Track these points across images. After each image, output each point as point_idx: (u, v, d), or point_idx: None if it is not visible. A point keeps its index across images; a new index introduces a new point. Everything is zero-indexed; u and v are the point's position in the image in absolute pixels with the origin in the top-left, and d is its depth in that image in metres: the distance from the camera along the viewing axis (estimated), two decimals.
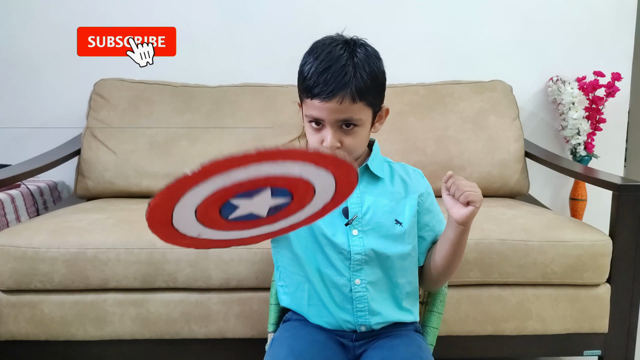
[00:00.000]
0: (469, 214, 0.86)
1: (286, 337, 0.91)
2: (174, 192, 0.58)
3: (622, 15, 2.11)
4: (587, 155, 2.04)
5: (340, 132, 0.85)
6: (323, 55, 0.83)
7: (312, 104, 0.84)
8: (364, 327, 0.91)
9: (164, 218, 0.60)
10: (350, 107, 0.83)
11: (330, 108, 0.82)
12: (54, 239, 1.24)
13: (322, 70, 0.82)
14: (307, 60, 0.86)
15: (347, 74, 0.81)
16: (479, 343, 1.34)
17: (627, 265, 1.32)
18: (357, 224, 0.90)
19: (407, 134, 1.78)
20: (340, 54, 0.83)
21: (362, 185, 0.93)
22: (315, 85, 0.82)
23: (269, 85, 1.90)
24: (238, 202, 0.61)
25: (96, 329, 1.27)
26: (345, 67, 0.82)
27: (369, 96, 0.85)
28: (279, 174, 0.60)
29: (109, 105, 1.80)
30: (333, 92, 0.81)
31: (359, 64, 0.83)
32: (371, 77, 0.84)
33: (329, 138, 0.84)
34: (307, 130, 0.89)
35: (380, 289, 0.91)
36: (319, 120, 0.85)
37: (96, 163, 1.72)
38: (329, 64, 0.82)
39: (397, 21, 2.05)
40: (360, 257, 0.89)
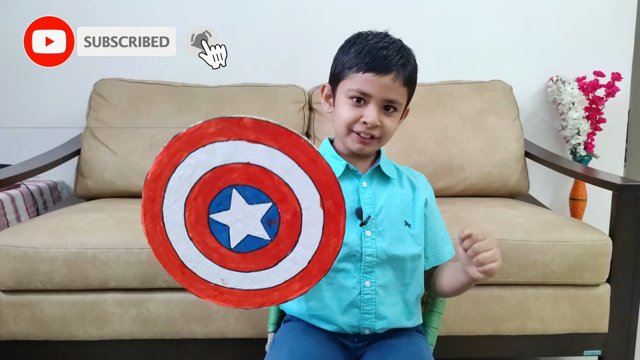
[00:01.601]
0: (483, 279, 0.79)
1: (287, 339, 0.90)
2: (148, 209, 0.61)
3: (622, 15, 2.11)
4: (587, 155, 2.04)
5: (382, 112, 0.87)
6: (376, 40, 0.86)
7: (363, 77, 0.84)
8: (367, 330, 0.90)
9: (171, 254, 0.61)
10: (399, 89, 0.86)
11: (382, 83, 0.84)
12: (54, 239, 1.24)
13: (380, 48, 0.84)
14: (356, 42, 0.87)
15: (402, 58, 0.85)
16: (479, 343, 1.34)
17: (627, 265, 1.32)
18: (370, 225, 0.89)
19: (407, 134, 1.78)
20: (391, 42, 0.87)
21: (373, 185, 0.93)
22: (372, 60, 0.83)
23: (269, 85, 1.90)
24: (221, 218, 0.60)
25: (96, 329, 1.27)
26: (400, 52, 0.86)
27: (413, 86, 0.89)
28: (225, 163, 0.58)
29: (109, 105, 1.80)
30: (390, 69, 0.83)
31: (409, 56, 0.88)
32: (415, 71, 0.89)
33: (373, 114, 0.85)
34: (343, 107, 0.88)
35: (390, 292, 0.90)
36: (364, 96, 0.85)
37: (96, 163, 1.72)
38: (384, 45, 0.85)
39: (396, 21, 2.04)
40: (372, 259, 0.88)
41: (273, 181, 0.60)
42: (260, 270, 0.63)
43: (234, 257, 0.62)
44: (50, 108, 2.01)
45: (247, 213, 0.61)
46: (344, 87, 0.88)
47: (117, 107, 1.79)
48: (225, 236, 0.61)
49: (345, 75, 0.87)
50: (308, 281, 0.64)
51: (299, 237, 0.63)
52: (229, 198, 0.60)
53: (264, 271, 0.63)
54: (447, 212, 1.42)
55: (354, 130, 0.88)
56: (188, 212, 0.60)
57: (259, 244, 0.62)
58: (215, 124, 0.59)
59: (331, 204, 0.63)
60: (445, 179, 1.75)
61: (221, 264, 0.62)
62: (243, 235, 0.61)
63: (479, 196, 1.79)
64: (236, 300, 0.63)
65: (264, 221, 0.61)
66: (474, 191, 1.78)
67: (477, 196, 1.79)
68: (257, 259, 0.62)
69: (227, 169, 0.59)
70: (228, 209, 0.60)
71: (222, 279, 0.62)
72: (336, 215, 0.63)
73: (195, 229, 0.60)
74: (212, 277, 0.62)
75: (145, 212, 0.61)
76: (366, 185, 0.92)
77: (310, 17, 2.02)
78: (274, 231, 0.62)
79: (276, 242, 0.62)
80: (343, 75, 0.88)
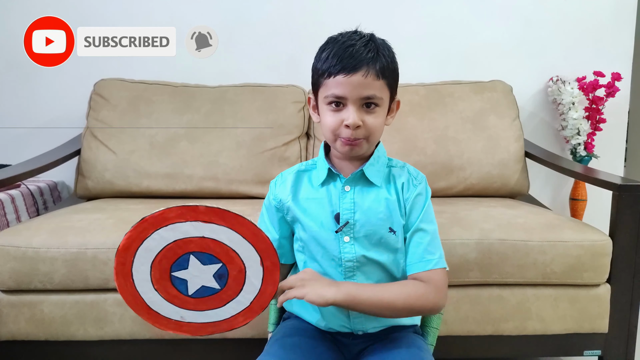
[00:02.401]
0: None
1: (280, 332, 0.92)
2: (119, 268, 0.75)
3: (622, 15, 2.11)
4: (587, 155, 2.04)
5: (362, 111, 0.84)
6: (344, 39, 0.84)
7: (335, 81, 0.83)
8: (360, 331, 0.91)
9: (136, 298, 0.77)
10: (373, 84, 0.83)
11: (354, 83, 0.82)
12: (54, 239, 1.24)
13: (346, 48, 0.82)
14: (325, 47, 0.86)
15: (370, 51, 0.83)
16: (479, 343, 1.34)
17: (627, 265, 1.32)
18: (348, 231, 0.88)
19: (407, 134, 1.78)
20: (360, 38, 0.85)
21: (356, 189, 0.90)
22: (339, 61, 0.82)
23: (269, 85, 1.90)
24: (180, 274, 0.76)
25: (96, 329, 1.27)
26: (368, 46, 0.83)
27: (390, 77, 0.86)
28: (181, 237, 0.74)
29: (109, 105, 1.80)
30: (358, 66, 0.81)
31: (380, 47, 0.85)
32: (391, 60, 0.86)
33: (352, 115, 0.83)
34: (325, 114, 0.87)
35: None
36: (340, 100, 0.84)
37: (96, 163, 1.72)
38: (351, 44, 0.83)
39: (396, 21, 2.05)
40: (351, 264, 0.88)
41: (222, 248, 0.76)
42: (211, 309, 0.78)
43: (191, 301, 0.77)
44: (50, 108, 2.01)
45: (202, 271, 0.76)
46: (322, 95, 0.86)
47: (117, 107, 1.79)
48: (184, 287, 0.76)
49: (320, 82, 0.86)
50: (250, 315, 0.79)
51: (243, 286, 0.78)
52: (188, 261, 0.76)
53: (214, 310, 0.78)
54: (447, 212, 1.42)
55: (340, 136, 0.86)
56: (153, 270, 0.75)
57: (211, 291, 0.77)
58: (175, 210, 0.73)
59: (269, 262, 0.77)
60: (445, 179, 1.75)
61: (180, 306, 0.77)
62: (198, 286, 0.77)
63: (479, 196, 1.79)
64: (193, 330, 0.78)
65: (215, 276, 0.77)
66: (474, 191, 1.78)
67: (477, 196, 1.79)
68: (209, 302, 0.78)
69: (186, 240, 0.75)
70: (187, 268, 0.76)
71: (182, 316, 0.78)
72: (273, 271, 0.78)
73: (159, 282, 0.76)
74: (173, 315, 0.77)
75: (117, 272, 0.74)
76: (349, 189, 0.90)
77: (310, 17, 2.02)
78: (223, 283, 0.77)
79: (225, 290, 0.77)
80: (319, 83, 0.87)
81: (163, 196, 1.73)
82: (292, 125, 1.82)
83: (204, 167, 1.73)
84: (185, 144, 1.75)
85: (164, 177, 1.71)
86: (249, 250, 0.76)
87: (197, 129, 1.77)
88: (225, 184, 1.73)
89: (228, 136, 1.77)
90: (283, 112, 1.82)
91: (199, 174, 1.72)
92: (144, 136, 1.75)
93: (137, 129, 1.76)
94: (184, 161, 1.73)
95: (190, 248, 0.75)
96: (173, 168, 1.72)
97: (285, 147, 1.79)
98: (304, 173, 0.95)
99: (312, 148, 1.84)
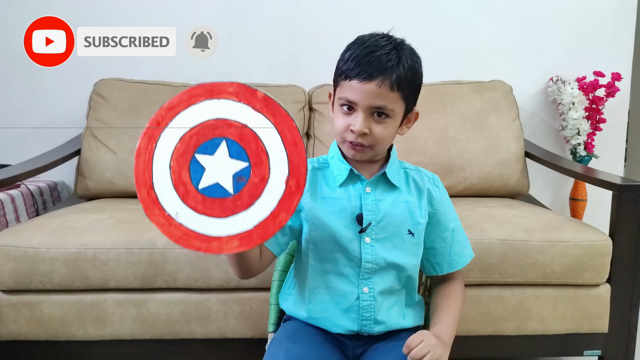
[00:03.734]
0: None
1: (284, 339, 0.90)
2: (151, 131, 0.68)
3: (622, 15, 2.11)
4: (587, 155, 2.04)
5: (371, 119, 0.84)
6: (368, 42, 0.83)
7: (349, 85, 0.82)
8: (366, 333, 0.91)
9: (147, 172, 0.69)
10: (386, 95, 0.82)
11: (367, 90, 0.81)
12: (54, 239, 1.24)
13: (367, 54, 0.82)
14: (351, 47, 0.85)
15: (390, 61, 0.81)
16: (479, 343, 1.34)
17: (627, 265, 1.32)
18: (370, 232, 0.88)
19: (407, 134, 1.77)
20: (386, 44, 0.83)
21: (377, 191, 0.91)
22: (357, 65, 0.81)
23: (269, 85, 1.90)
24: (203, 160, 0.68)
25: (96, 329, 1.27)
26: (390, 54, 0.82)
27: (407, 89, 0.84)
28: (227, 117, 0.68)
29: (109, 105, 1.80)
30: (374, 75, 0.80)
31: (403, 57, 0.83)
32: (412, 72, 0.84)
33: (359, 122, 0.82)
34: (336, 115, 0.87)
35: (388, 298, 0.90)
36: (352, 104, 0.83)
37: (96, 163, 1.72)
38: (373, 49, 0.82)
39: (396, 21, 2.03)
40: (370, 266, 0.88)
41: (258, 146, 0.69)
42: (211, 217, 0.69)
43: (197, 196, 0.69)
44: (50, 108, 2.01)
45: (225, 164, 0.69)
46: (337, 95, 0.87)
47: (117, 107, 1.79)
48: (199, 176, 0.68)
49: (338, 82, 0.86)
50: (246, 243, 0.69)
51: (257, 200, 0.69)
52: (217, 147, 0.68)
53: (214, 219, 0.69)
54: None
55: (346, 139, 0.86)
56: (180, 144, 0.68)
57: (221, 193, 0.69)
58: (234, 86, 0.69)
59: (294, 183, 0.70)
60: (445, 179, 1.75)
61: (183, 198, 0.69)
62: (212, 182, 0.69)
63: (479, 196, 1.79)
64: (178, 236, 0.69)
65: (234, 176, 0.69)
66: (474, 191, 1.78)
67: (477, 196, 1.79)
68: (214, 206, 0.69)
69: (228, 122, 0.68)
70: (212, 154, 0.68)
71: (177, 212, 0.69)
72: (294, 194, 0.70)
73: (178, 160, 0.68)
74: (169, 206, 0.69)
75: (147, 131, 0.68)
76: (370, 191, 0.90)
77: (310, 17, 2.02)
78: (238, 188, 0.69)
79: (236, 197, 0.69)
80: (337, 82, 0.87)
81: None
82: None
83: None
84: None
85: None
86: (281, 161, 0.69)
87: None
88: None
89: None
90: None
91: None
92: None
93: (137, 129, 1.75)
94: None
95: (227, 133, 0.68)
96: None
97: None
98: (318, 171, 0.93)
99: (312, 148, 1.84)
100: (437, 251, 0.95)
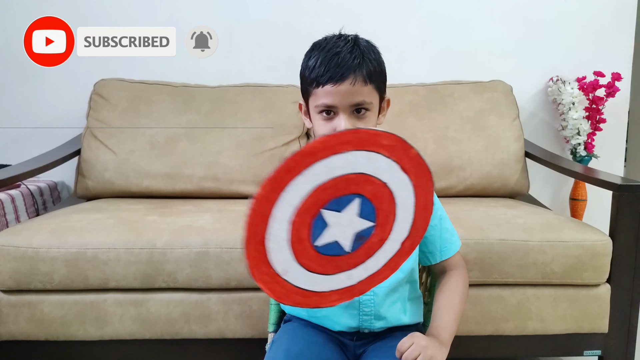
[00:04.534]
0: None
1: (285, 339, 0.90)
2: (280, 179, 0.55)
3: (622, 15, 2.11)
4: (587, 155, 2.04)
5: (353, 117, 0.85)
6: (329, 46, 0.85)
7: (324, 91, 0.83)
8: (366, 330, 0.91)
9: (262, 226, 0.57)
10: (361, 90, 0.83)
11: (343, 91, 0.82)
12: (54, 239, 1.24)
13: (332, 56, 0.83)
14: (312, 55, 0.86)
15: (356, 58, 0.83)
16: (479, 343, 1.34)
17: (627, 265, 1.32)
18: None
19: (407, 134, 1.77)
20: (345, 43, 0.85)
21: None
22: (326, 71, 0.82)
23: (269, 85, 1.90)
24: (329, 217, 0.60)
25: (96, 329, 1.27)
26: (353, 52, 0.84)
27: (377, 80, 0.86)
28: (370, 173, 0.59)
29: (109, 105, 1.80)
30: (345, 75, 0.82)
31: (365, 51, 0.85)
32: (377, 63, 0.87)
33: (344, 123, 0.83)
34: (317, 123, 0.88)
35: (389, 293, 0.90)
36: (331, 108, 0.84)
37: (96, 163, 1.72)
38: (336, 51, 0.83)
39: (397, 21, 2.05)
40: None
41: (390, 207, 0.62)
42: (320, 274, 0.62)
43: (311, 253, 0.61)
44: (50, 108, 2.01)
45: (351, 223, 0.61)
46: (312, 103, 0.87)
47: (117, 107, 1.79)
48: (318, 232, 0.60)
49: (310, 91, 0.87)
50: (346, 296, 0.65)
51: (368, 260, 0.64)
52: (348, 204, 0.60)
53: (322, 276, 0.63)
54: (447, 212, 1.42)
55: None
56: (311, 197, 0.57)
57: (337, 251, 0.62)
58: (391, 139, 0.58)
59: (409, 244, 0.65)
60: (445, 179, 1.75)
61: (296, 254, 0.60)
62: (332, 239, 0.61)
63: (479, 196, 1.79)
64: (281, 294, 0.62)
65: (357, 235, 0.62)
66: (474, 191, 1.78)
67: (477, 196, 1.79)
68: (325, 263, 0.62)
69: (368, 179, 0.59)
70: (340, 211, 0.60)
71: (285, 270, 0.61)
72: (405, 255, 0.65)
73: (302, 215, 0.58)
74: (278, 265, 0.60)
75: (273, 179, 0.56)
76: None
77: (310, 17, 2.02)
78: (356, 247, 0.62)
79: (350, 256, 0.63)
80: (309, 92, 0.87)
81: (163, 196, 1.73)
82: (292, 125, 1.82)
83: (204, 167, 1.73)
84: (185, 144, 1.75)
85: (164, 177, 1.72)
86: (406, 223, 0.63)
87: (197, 129, 1.77)
88: (225, 184, 1.73)
89: (228, 136, 1.77)
90: (283, 112, 1.82)
91: (199, 174, 1.72)
92: (144, 136, 1.75)
93: (137, 129, 1.76)
94: (184, 161, 1.73)
95: (363, 190, 0.59)
96: (173, 168, 1.72)
97: (285, 147, 1.79)
98: None
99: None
100: (428, 239, 0.96)
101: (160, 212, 1.43)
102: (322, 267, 0.62)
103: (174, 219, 1.36)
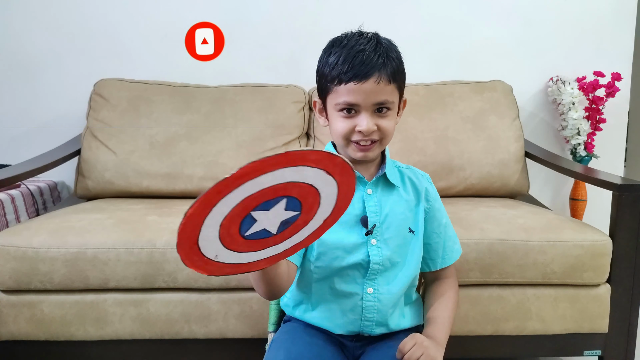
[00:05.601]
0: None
1: (284, 340, 0.90)
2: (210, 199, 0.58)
3: (622, 15, 2.11)
4: (587, 155, 2.04)
5: (375, 115, 0.84)
6: (351, 43, 0.83)
7: (346, 89, 0.82)
8: (367, 334, 0.91)
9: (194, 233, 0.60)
10: (385, 89, 0.82)
11: (367, 90, 0.81)
12: (54, 239, 1.24)
13: (356, 54, 0.81)
14: (332, 51, 0.85)
15: (380, 56, 0.82)
16: (479, 343, 1.34)
17: (627, 265, 1.32)
18: (376, 234, 0.88)
19: (407, 134, 1.78)
20: (368, 41, 0.84)
21: (378, 192, 0.91)
22: (349, 68, 0.81)
23: (269, 85, 1.90)
24: (257, 215, 0.62)
25: (96, 329, 1.27)
26: (377, 50, 0.83)
27: (400, 79, 0.86)
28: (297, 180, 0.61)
29: (109, 105, 1.80)
30: (369, 73, 0.81)
31: (388, 49, 0.84)
32: (399, 62, 0.86)
33: (366, 121, 0.82)
34: (336, 120, 0.86)
35: (391, 299, 0.90)
36: (352, 107, 0.83)
37: (96, 163, 1.72)
38: (360, 49, 0.82)
39: (397, 21, 2.05)
40: (377, 267, 0.88)
41: (315, 199, 0.65)
42: (247, 251, 0.66)
43: (240, 241, 0.64)
44: (50, 108, 2.01)
45: (278, 215, 0.64)
46: (331, 101, 0.86)
47: (117, 107, 1.79)
48: (247, 227, 0.63)
49: (329, 89, 0.85)
50: (274, 260, 0.69)
51: (293, 236, 0.67)
52: (276, 204, 0.63)
53: (249, 252, 0.66)
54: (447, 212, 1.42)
55: (352, 140, 0.85)
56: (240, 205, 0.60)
57: (265, 235, 0.65)
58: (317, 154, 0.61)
59: (331, 220, 0.68)
60: (445, 179, 1.76)
61: (226, 244, 0.64)
62: (260, 229, 0.64)
63: (479, 196, 1.79)
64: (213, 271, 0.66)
65: (282, 222, 0.65)
66: (474, 191, 1.78)
67: (477, 196, 1.79)
68: (253, 244, 0.66)
69: (296, 184, 0.62)
70: (268, 210, 0.63)
71: (216, 255, 0.64)
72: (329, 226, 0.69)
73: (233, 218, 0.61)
74: (209, 252, 0.64)
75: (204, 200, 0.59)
76: (371, 192, 0.90)
77: (310, 17, 2.02)
78: (281, 229, 0.65)
79: (276, 236, 0.66)
80: (328, 89, 0.86)
81: (163, 196, 1.73)
82: (292, 125, 1.82)
83: (204, 167, 1.73)
84: (185, 144, 1.75)
85: (164, 177, 1.72)
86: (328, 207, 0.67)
87: (197, 129, 1.77)
88: None
89: (228, 136, 1.77)
90: (283, 112, 1.82)
91: (199, 174, 1.72)
92: (144, 136, 1.75)
93: (137, 129, 1.76)
94: (184, 161, 1.73)
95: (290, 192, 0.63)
96: (173, 168, 1.72)
97: (285, 147, 1.79)
98: None
99: (312, 148, 1.84)
100: (432, 247, 0.96)
101: (160, 212, 1.43)
102: (250, 247, 0.66)
103: (174, 219, 1.36)
